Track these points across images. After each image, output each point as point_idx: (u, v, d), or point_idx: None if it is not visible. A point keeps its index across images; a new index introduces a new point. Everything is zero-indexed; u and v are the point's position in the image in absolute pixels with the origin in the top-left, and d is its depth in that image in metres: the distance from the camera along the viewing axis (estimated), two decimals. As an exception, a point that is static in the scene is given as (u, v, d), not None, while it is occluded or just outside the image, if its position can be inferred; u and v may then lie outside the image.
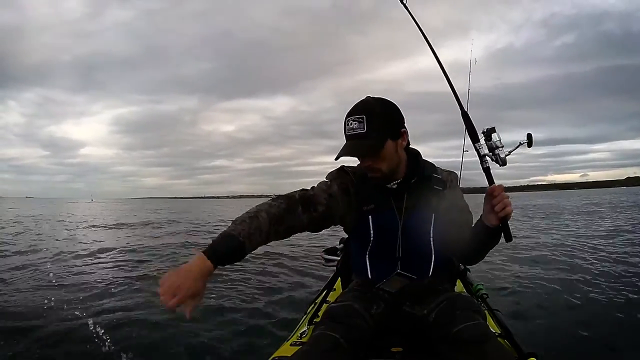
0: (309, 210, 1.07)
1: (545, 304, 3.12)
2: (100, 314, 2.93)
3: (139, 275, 4.52)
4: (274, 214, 1.00)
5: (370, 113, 1.04)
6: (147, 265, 5.34)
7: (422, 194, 1.13)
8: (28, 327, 2.65)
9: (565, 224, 9.89)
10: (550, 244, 6.34)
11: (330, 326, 1.00)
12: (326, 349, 0.93)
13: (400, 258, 1.14)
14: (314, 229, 1.12)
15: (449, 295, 1.09)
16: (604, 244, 6.18)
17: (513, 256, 5.20)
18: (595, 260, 4.84)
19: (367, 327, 1.03)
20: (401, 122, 1.11)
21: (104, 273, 4.76)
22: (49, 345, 2.40)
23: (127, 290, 3.80)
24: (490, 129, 1.08)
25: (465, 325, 0.94)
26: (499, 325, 1.22)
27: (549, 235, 7.66)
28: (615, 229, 8.13)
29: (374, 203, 1.14)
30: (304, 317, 1.51)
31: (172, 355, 2.30)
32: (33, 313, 2.97)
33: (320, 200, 1.09)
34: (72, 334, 2.57)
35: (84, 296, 3.51)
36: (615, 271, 4.15)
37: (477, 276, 2.60)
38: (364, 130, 1.03)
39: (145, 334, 2.59)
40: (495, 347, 0.91)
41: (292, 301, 3.34)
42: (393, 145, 1.08)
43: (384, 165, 1.08)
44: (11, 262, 5.44)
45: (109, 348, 2.34)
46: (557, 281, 3.84)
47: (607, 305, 3.07)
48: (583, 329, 2.52)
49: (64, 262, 5.58)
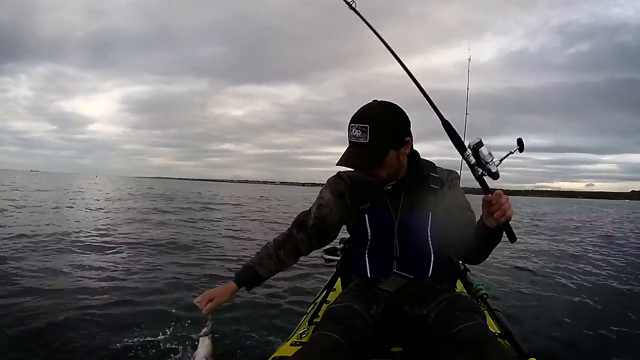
0: (303, 229, 1.22)
1: (545, 304, 3.12)
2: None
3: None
4: (278, 240, 1.23)
5: (375, 123, 1.03)
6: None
7: (418, 193, 1.13)
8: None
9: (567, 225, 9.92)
10: (550, 245, 6.33)
11: (330, 327, 1.00)
12: (326, 350, 0.93)
13: (398, 257, 1.15)
14: (317, 242, 1.24)
15: (449, 296, 1.09)
16: (604, 245, 6.18)
17: (513, 256, 5.21)
18: (595, 261, 4.84)
19: (367, 327, 1.03)
20: (406, 131, 1.10)
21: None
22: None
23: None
24: (477, 144, 0.95)
25: (465, 326, 0.94)
26: (499, 326, 1.22)
27: (549, 236, 7.66)
28: (613, 235, 8.14)
29: (369, 202, 1.17)
30: (304, 317, 1.51)
31: (172, 356, 2.30)
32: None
33: (310, 216, 1.23)
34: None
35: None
36: (615, 272, 4.15)
37: (477, 276, 2.61)
38: (367, 141, 1.03)
39: (146, 332, 2.59)
40: (495, 348, 0.91)
41: (292, 301, 3.34)
42: (395, 154, 1.08)
43: (384, 172, 1.09)
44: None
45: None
46: (557, 281, 3.84)
47: (607, 305, 3.08)
48: (583, 329, 2.53)
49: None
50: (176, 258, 4.85)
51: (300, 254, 1.25)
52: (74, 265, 4.11)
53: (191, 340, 2.23)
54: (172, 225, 8.10)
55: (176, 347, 2.28)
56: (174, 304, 2.88)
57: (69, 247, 5.07)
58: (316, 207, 1.22)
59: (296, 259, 1.25)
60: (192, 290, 3.32)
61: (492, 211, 0.91)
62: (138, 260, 4.56)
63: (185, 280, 3.75)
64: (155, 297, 3.15)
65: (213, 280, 3.78)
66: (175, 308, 2.79)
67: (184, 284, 3.59)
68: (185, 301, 2.91)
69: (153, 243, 5.73)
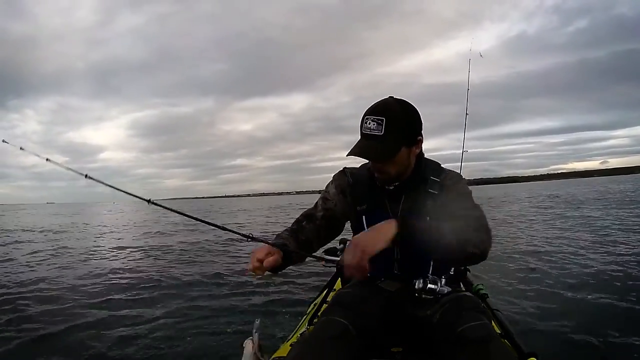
0: (312, 221, 1.20)
1: (545, 304, 3.11)
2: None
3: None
4: (292, 229, 1.18)
5: (391, 116, 1.03)
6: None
7: (417, 197, 1.12)
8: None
9: (566, 217, 9.88)
10: (550, 242, 6.33)
11: (339, 312, 1.00)
12: (334, 336, 0.93)
13: (398, 260, 1.15)
14: (325, 234, 1.22)
15: (454, 296, 1.08)
16: (606, 241, 6.17)
17: (513, 256, 5.20)
18: (597, 260, 4.83)
19: (375, 314, 1.03)
20: (419, 130, 1.10)
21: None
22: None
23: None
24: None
25: (471, 325, 0.93)
26: (499, 326, 1.22)
27: (549, 232, 7.65)
28: (619, 226, 8.11)
29: (366, 203, 1.17)
30: (304, 317, 1.51)
31: (170, 355, 2.30)
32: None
33: (318, 209, 1.22)
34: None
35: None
36: (617, 271, 4.15)
37: (477, 276, 2.60)
38: (382, 133, 1.02)
39: (149, 333, 2.60)
40: (498, 348, 0.90)
41: (292, 301, 3.34)
42: (407, 152, 1.07)
43: (393, 170, 1.09)
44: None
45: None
46: (557, 281, 3.83)
47: (607, 305, 3.07)
48: (583, 329, 2.52)
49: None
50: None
51: (311, 246, 1.20)
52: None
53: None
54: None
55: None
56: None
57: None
58: (322, 200, 1.23)
59: (310, 251, 1.20)
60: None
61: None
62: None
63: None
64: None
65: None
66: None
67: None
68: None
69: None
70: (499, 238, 7.01)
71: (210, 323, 2.83)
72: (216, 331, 2.67)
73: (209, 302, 3.42)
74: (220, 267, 5.20)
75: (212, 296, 3.68)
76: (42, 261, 6.05)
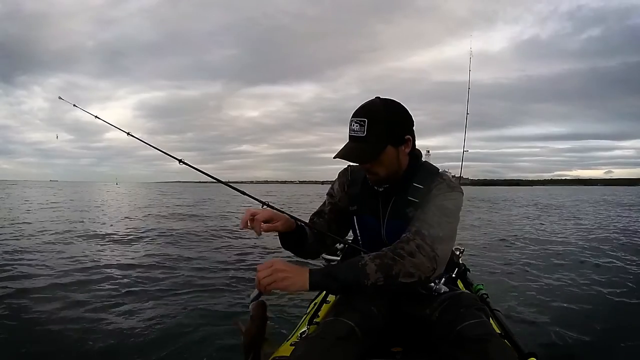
0: (322, 216, 1.26)
1: (545, 304, 3.11)
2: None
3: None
4: (306, 223, 1.22)
5: (373, 117, 1.03)
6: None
7: (402, 202, 1.11)
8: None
9: (566, 220, 9.89)
10: (550, 243, 6.33)
11: (345, 313, 1.00)
12: (340, 337, 0.93)
13: None
14: (335, 228, 1.24)
15: (452, 294, 1.08)
16: (605, 242, 6.18)
17: (513, 256, 5.21)
18: (597, 260, 4.83)
19: (380, 315, 1.04)
20: (407, 128, 1.09)
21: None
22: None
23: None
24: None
25: (470, 323, 0.93)
26: (499, 325, 1.22)
27: (550, 233, 7.65)
28: (621, 229, 8.12)
29: (357, 204, 1.19)
30: (304, 317, 1.51)
31: (170, 356, 2.30)
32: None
33: (325, 204, 1.28)
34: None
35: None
36: (617, 270, 4.15)
37: (477, 276, 2.60)
38: (364, 134, 1.03)
39: (153, 332, 2.60)
40: (497, 346, 0.90)
41: (292, 301, 3.33)
42: (394, 151, 1.07)
43: (382, 170, 1.08)
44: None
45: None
46: (557, 281, 3.83)
47: (608, 305, 3.07)
48: (583, 329, 2.52)
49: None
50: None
51: (324, 242, 1.25)
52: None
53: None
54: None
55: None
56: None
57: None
58: (328, 196, 1.29)
59: (325, 244, 1.26)
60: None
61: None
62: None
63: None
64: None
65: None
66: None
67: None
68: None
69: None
70: (499, 238, 7.01)
71: (202, 321, 2.80)
72: (209, 329, 2.65)
73: (204, 298, 3.40)
74: (219, 257, 5.15)
75: (207, 291, 3.66)
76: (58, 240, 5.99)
